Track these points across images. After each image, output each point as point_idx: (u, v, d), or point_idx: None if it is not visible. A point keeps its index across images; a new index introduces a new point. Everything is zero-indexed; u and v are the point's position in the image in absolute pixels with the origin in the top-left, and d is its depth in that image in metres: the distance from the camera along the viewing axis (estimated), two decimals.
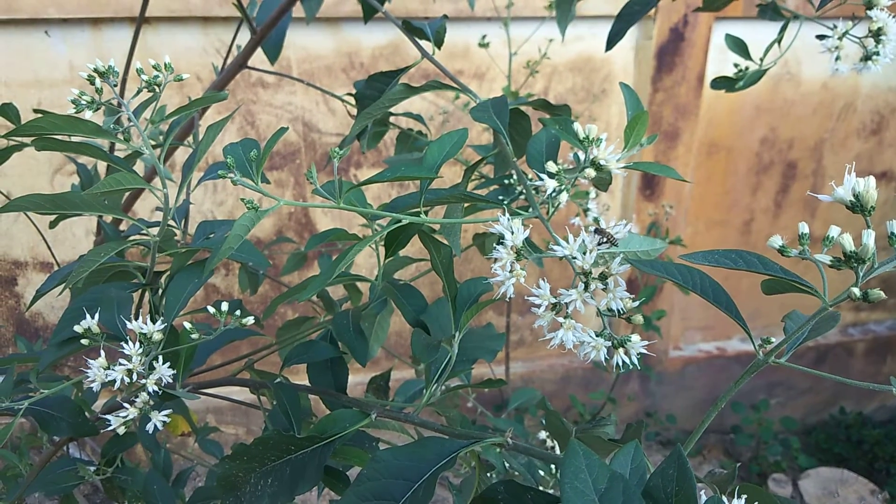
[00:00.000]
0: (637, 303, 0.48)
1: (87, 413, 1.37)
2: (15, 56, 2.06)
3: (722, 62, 2.52)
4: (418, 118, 1.18)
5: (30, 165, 2.21)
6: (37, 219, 1.39)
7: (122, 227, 1.18)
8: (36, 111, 0.68)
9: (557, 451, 0.98)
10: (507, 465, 0.93)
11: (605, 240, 0.50)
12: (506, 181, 1.03)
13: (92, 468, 1.12)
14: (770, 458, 2.77)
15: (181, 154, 2.08)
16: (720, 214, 2.80)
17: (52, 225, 1.29)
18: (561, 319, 0.48)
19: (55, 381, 1.06)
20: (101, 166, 1.29)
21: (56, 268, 2.17)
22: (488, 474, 1.04)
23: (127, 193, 1.31)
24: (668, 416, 2.94)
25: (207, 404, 2.62)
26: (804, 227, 0.42)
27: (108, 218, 1.08)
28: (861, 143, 2.81)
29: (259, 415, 0.89)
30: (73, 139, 0.60)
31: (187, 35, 2.13)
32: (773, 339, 0.45)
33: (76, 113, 0.55)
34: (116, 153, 1.24)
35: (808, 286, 0.41)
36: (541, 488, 0.87)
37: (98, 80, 0.55)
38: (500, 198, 1.03)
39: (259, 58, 1.20)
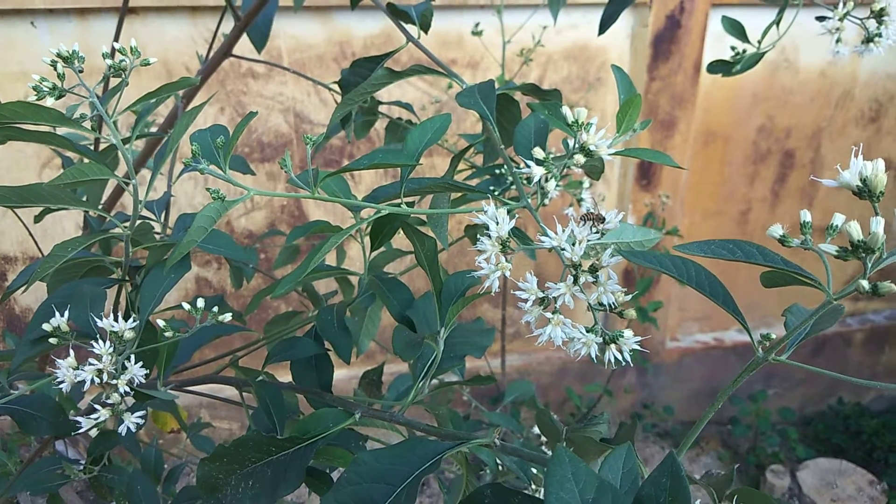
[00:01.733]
0: (629, 297, 0.45)
1: (72, 410, 1.34)
2: (0, 47, 2.02)
3: (719, 50, 2.49)
4: (408, 107, 1.15)
5: (17, 159, 2.18)
6: (24, 213, 1.36)
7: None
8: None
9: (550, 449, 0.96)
10: (498, 462, 0.91)
11: (595, 223, 0.48)
12: (497, 170, 1.01)
13: (79, 467, 1.10)
14: (768, 449, 2.75)
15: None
16: (717, 204, 2.78)
17: (38, 219, 1.26)
18: (549, 315, 0.45)
19: (38, 378, 1.04)
20: None
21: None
22: (482, 471, 1.01)
23: (113, 186, 1.28)
24: (666, 407, 2.92)
25: (201, 399, 2.60)
26: (806, 215, 0.40)
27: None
28: (859, 131, 2.78)
29: (254, 405, 0.86)
30: (40, 129, 0.58)
31: (175, 25, 2.10)
32: (772, 335, 0.42)
33: (38, 100, 0.52)
34: (103, 144, 1.21)
35: (811, 278, 0.38)
36: (533, 487, 0.85)
37: (61, 66, 0.52)
38: (491, 187, 1.00)
39: (249, 47, 1.17)
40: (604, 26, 0.82)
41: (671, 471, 0.34)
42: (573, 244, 0.44)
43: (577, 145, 0.47)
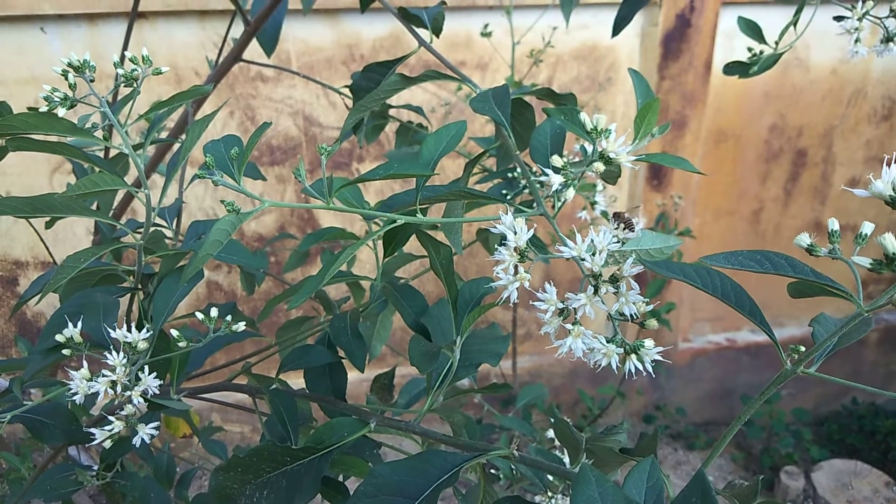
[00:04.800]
0: (651, 306, 0.44)
1: (85, 417, 1.34)
2: (10, 53, 2.03)
3: (729, 49, 2.47)
4: (418, 110, 1.14)
5: (28, 165, 2.18)
6: (34, 219, 1.36)
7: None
8: (30, 109, 0.65)
9: (566, 457, 0.95)
10: (513, 468, 0.90)
11: (623, 226, 0.47)
12: (509, 174, 1.00)
13: (91, 473, 1.09)
14: (782, 450, 2.73)
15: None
16: (729, 204, 2.76)
17: (49, 225, 1.26)
18: (569, 326, 0.44)
19: (51, 385, 1.04)
20: None
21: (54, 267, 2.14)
22: (496, 472, 1.00)
23: (122, 194, 1.28)
24: (678, 408, 2.90)
25: (212, 403, 2.60)
26: (834, 224, 0.38)
27: None
28: (872, 130, 2.75)
29: (267, 411, 0.86)
30: (50, 138, 0.57)
31: (184, 29, 2.10)
32: (802, 348, 0.41)
33: (50, 110, 0.52)
34: (112, 151, 1.21)
35: (841, 290, 0.37)
36: (549, 494, 0.84)
37: (72, 75, 0.52)
38: (504, 192, 1.00)
39: (258, 51, 1.17)
40: (618, 27, 0.81)
41: (701, 491, 0.33)
42: (593, 254, 0.44)
43: (595, 153, 0.46)
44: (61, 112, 0.51)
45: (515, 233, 0.45)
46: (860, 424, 2.88)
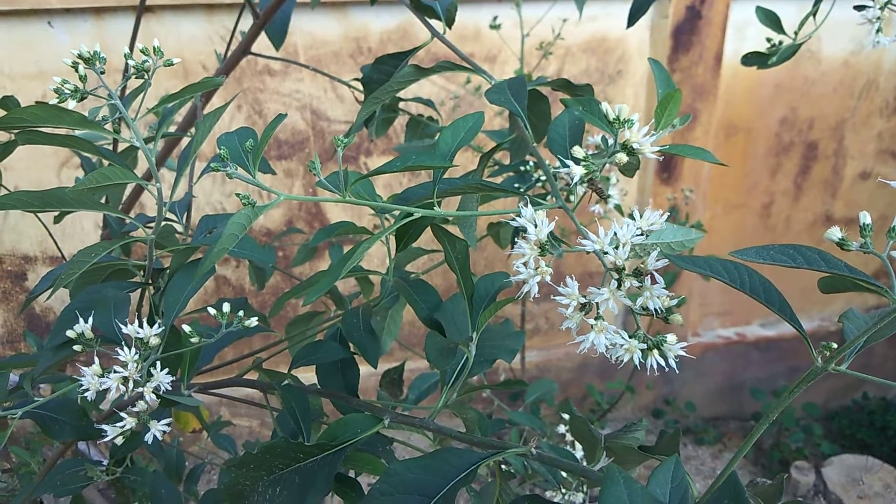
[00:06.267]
0: (676, 301, 0.43)
1: (95, 412, 1.34)
2: (17, 47, 2.03)
3: (740, 41, 2.45)
4: (429, 103, 1.13)
5: (36, 159, 2.18)
6: (43, 213, 1.36)
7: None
8: (39, 104, 0.64)
9: (579, 450, 0.94)
10: (526, 464, 0.89)
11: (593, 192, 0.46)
12: (521, 167, 0.99)
13: (101, 468, 1.09)
14: (792, 445, 2.71)
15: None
16: (739, 197, 2.74)
17: (57, 220, 1.26)
18: (591, 321, 0.43)
19: (61, 380, 1.03)
20: None
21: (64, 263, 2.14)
22: (507, 467, 1.00)
23: (130, 187, 1.28)
24: (687, 403, 2.89)
25: (220, 397, 2.60)
26: (865, 217, 0.37)
27: None
28: (884, 122, 2.73)
29: (277, 406, 0.85)
30: (61, 132, 0.56)
31: (191, 23, 2.09)
32: (834, 345, 0.40)
33: (59, 103, 0.51)
34: (121, 144, 1.20)
35: (875, 285, 0.36)
36: (563, 491, 0.83)
37: (82, 67, 0.51)
38: (517, 185, 0.99)
39: (265, 44, 1.16)
40: (633, 19, 0.80)
41: (733, 493, 0.32)
42: (616, 247, 0.43)
43: (618, 144, 0.45)
44: (71, 104, 0.50)
45: (536, 226, 0.44)
46: (871, 419, 2.87)
